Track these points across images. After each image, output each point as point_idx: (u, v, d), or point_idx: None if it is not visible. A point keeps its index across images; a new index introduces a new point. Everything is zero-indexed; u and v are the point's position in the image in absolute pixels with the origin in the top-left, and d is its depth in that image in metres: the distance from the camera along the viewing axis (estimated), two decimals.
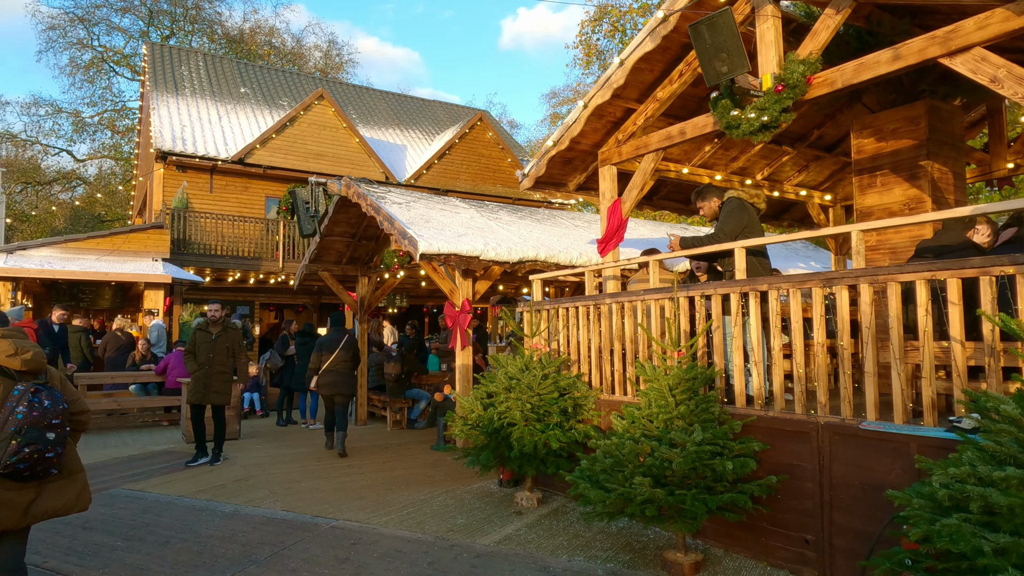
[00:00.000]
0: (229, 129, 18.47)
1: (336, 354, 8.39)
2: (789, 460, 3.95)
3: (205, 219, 15.44)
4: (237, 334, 7.74)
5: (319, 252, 10.32)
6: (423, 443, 8.71)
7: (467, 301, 7.83)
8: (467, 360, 7.86)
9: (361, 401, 10.53)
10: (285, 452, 8.13)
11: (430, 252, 6.92)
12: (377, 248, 10.34)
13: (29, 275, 11.59)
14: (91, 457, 7.84)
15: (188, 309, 13.99)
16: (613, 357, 5.44)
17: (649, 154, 5.99)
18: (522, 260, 7.55)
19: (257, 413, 11.36)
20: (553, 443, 4.99)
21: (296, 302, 18.94)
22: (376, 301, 10.77)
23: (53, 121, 38.17)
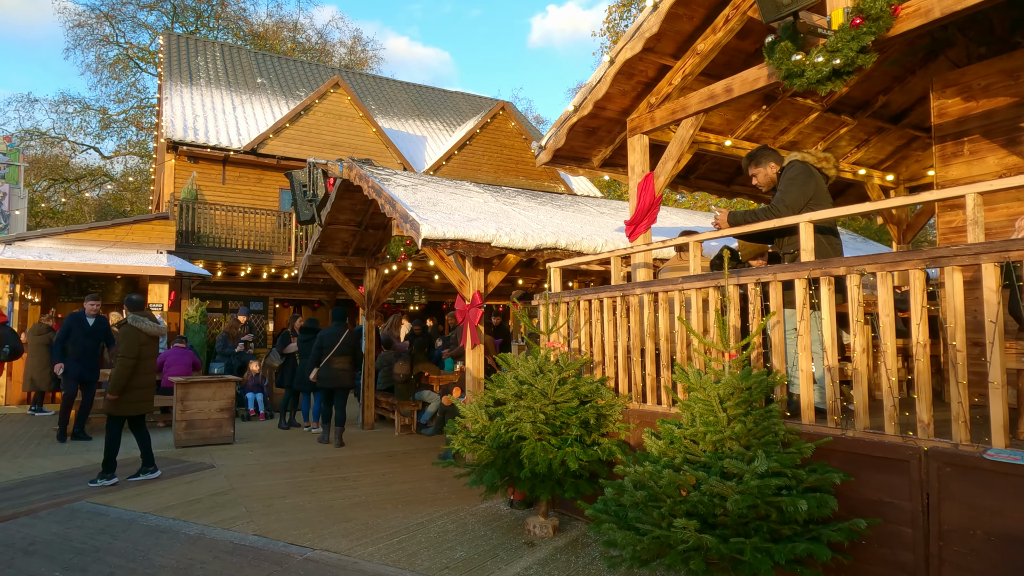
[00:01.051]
0: (243, 119, 17.91)
1: (335, 348, 8.38)
2: (878, 496, 3.01)
3: (215, 211, 14.85)
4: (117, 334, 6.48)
5: (323, 242, 9.56)
6: (430, 452, 7.89)
7: (478, 294, 6.98)
8: (478, 361, 7.02)
9: (368, 403, 9.75)
10: (277, 460, 7.37)
11: (434, 237, 6.08)
12: (385, 238, 9.55)
13: (27, 267, 11.07)
14: (69, 461, 7.18)
15: (195, 304, 13.39)
16: (644, 358, 4.54)
17: (688, 118, 5.07)
18: (540, 247, 6.68)
19: (260, 416, 10.63)
20: (571, 463, 4.11)
21: (312, 298, 18.32)
22: (385, 295, 9.98)
23: (81, 118, 38.37)
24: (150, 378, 6.42)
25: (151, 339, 6.33)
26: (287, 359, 10.15)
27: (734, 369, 3.22)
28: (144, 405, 6.36)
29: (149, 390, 6.43)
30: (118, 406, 6.15)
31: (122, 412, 6.20)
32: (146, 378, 6.33)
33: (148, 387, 6.39)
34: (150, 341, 6.31)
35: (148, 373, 6.36)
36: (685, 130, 5.11)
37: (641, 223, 5.34)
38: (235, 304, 16.53)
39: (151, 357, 6.35)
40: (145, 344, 6.24)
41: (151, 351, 6.34)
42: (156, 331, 6.36)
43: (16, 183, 23.66)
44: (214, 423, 8.24)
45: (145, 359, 6.25)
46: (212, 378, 8.49)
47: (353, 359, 8.69)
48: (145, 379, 6.31)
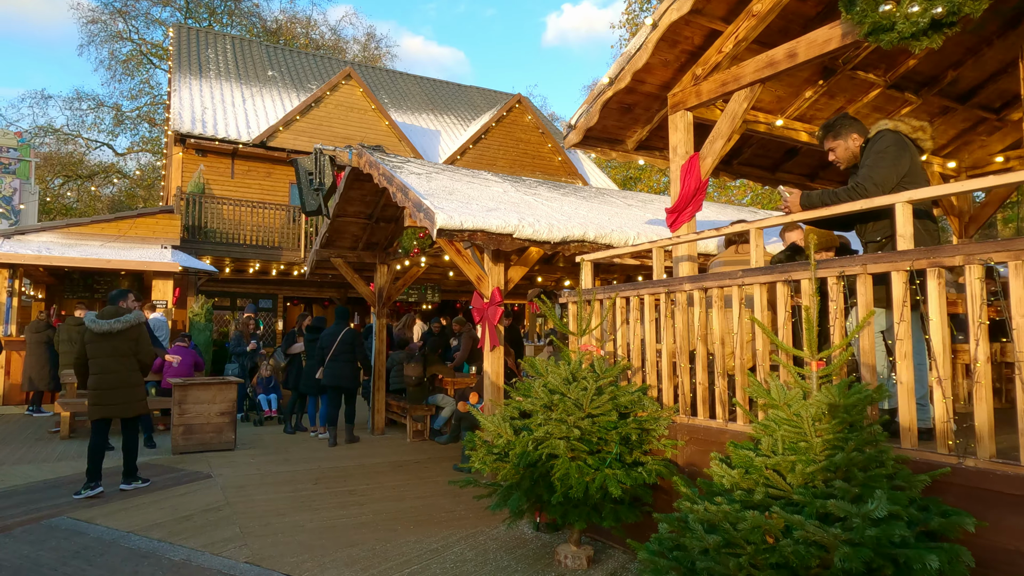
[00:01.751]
0: (253, 112, 17.44)
1: (335, 347, 8.26)
2: (1016, 545, 2.38)
3: (223, 205, 14.37)
4: None
5: (331, 236, 9.01)
6: (444, 462, 7.30)
7: (498, 291, 6.38)
8: (497, 365, 6.42)
9: (379, 407, 9.19)
10: (280, 470, 6.81)
11: (450, 227, 5.49)
12: (397, 231, 8.99)
13: (25, 261, 10.63)
14: (58, 469, 6.67)
15: (200, 301, 12.91)
16: (695, 364, 3.92)
17: (741, 91, 4.44)
18: (566, 240, 6.06)
19: (274, 413, 10.15)
20: (613, 488, 3.50)
21: (322, 296, 17.83)
22: (396, 293, 9.41)
23: (95, 115, 38.27)
24: (107, 379, 5.73)
25: (97, 337, 5.69)
26: (292, 360, 9.62)
27: (827, 381, 2.60)
28: (99, 409, 5.73)
29: (110, 392, 5.74)
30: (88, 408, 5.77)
31: (90, 415, 5.77)
32: (99, 379, 5.71)
33: (106, 388, 5.72)
34: (95, 339, 5.69)
35: (102, 373, 5.71)
36: (737, 104, 4.48)
37: (685, 211, 4.72)
38: (243, 302, 16.06)
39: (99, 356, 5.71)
40: (90, 343, 5.69)
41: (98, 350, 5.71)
42: (100, 328, 5.69)
43: (27, 179, 23.39)
44: (214, 428, 7.71)
45: (94, 358, 5.70)
46: (212, 380, 7.97)
47: (352, 358, 8.38)
48: (97, 380, 5.71)
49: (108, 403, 5.74)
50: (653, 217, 7.86)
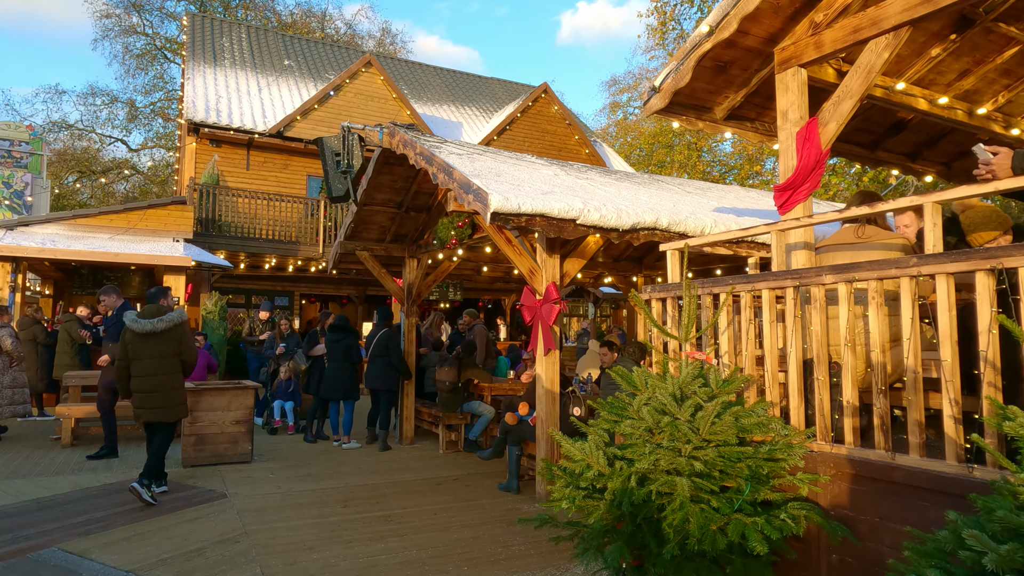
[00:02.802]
0: (269, 102, 16.73)
1: (372, 348, 8.05)
2: None
3: (238, 197, 13.65)
4: None
5: (357, 226, 8.22)
6: (487, 479, 6.49)
7: (553, 286, 5.56)
8: (552, 370, 5.60)
9: (408, 414, 8.39)
10: (303, 488, 6.03)
11: (506, 211, 4.68)
12: (429, 221, 8.18)
13: (28, 254, 9.92)
14: (55, 485, 5.92)
15: (214, 298, 12.18)
16: (841, 378, 3.07)
17: (880, 37, 3.58)
18: (636, 227, 5.23)
19: (288, 429, 9.25)
20: (755, 542, 2.65)
21: (340, 293, 17.09)
22: (427, 289, 8.61)
23: (109, 111, 37.91)
24: (149, 382, 5.54)
25: (139, 338, 5.50)
26: (314, 362, 8.85)
27: None
28: (143, 413, 5.57)
29: (151, 395, 5.55)
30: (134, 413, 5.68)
31: (137, 419, 5.73)
32: (141, 381, 5.52)
33: (148, 392, 5.54)
34: (137, 341, 5.50)
35: (144, 376, 5.52)
36: (875, 55, 3.61)
37: (802, 187, 3.86)
38: (258, 299, 15.35)
39: (141, 358, 5.53)
40: (131, 344, 5.50)
41: (140, 351, 5.52)
42: (142, 328, 5.49)
43: (39, 172, 22.87)
44: (229, 438, 6.94)
45: (136, 360, 5.52)
46: (226, 384, 7.20)
47: (387, 360, 8.07)
48: (139, 383, 5.53)
49: (151, 407, 5.54)
50: (718, 205, 7.00)
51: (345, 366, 8.06)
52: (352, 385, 8.04)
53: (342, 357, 8.02)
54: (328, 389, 7.98)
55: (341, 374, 7.97)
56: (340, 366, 8.01)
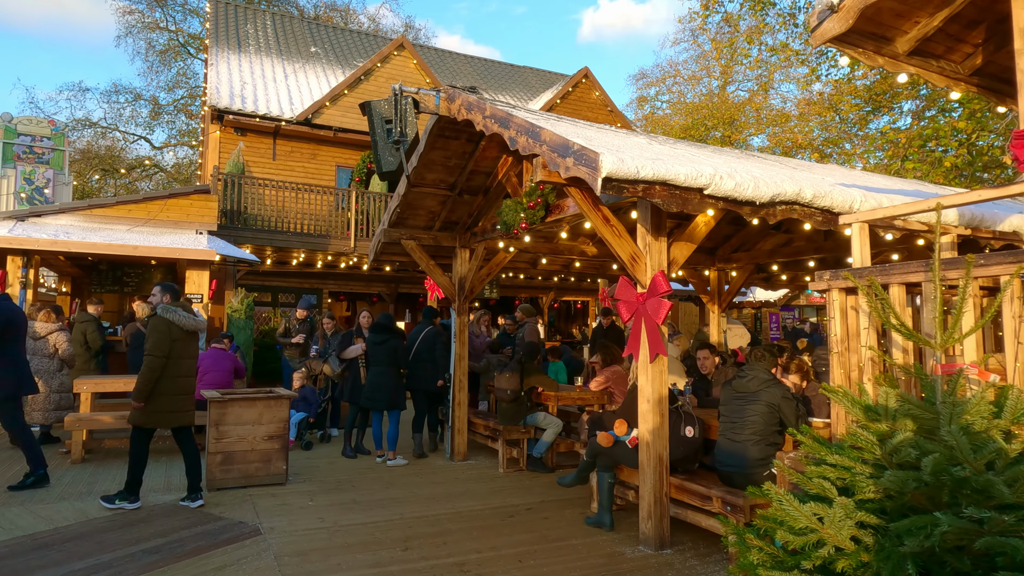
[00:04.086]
0: (296, 88, 15.83)
1: (416, 346, 7.61)
2: None
3: (265, 187, 12.73)
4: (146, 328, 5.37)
5: (403, 211, 7.19)
6: (567, 507, 5.43)
7: (661, 276, 4.47)
8: (658, 380, 4.51)
9: (460, 426, 7.34)
10: (352, 521, 5.00)
11: (622, 176, 3.61)
12: (485, 206, 7.13)
13: (40, 247, 9.05)
14: (57, 514, 4.97)
15: (240, 295, 11.26)
16: None
17: None
18: (775, 200, 4.12)
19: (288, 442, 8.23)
20: None
21: (370, 291, 16.14)
22: (480, 284, 7.56)
23: (132, 108, 37.55)
24: (186, 383, 5.28)
25: (187, 335, 5.23)
26: (349, 366, 7.80)
27: None
28: (179, 416, 5.26)
29: (186, 398, 5.29)
30: (145, 415, 5.13)
31: (149, 423, 5.17)
32: (180, 382, 5.22)
33: (184, 394, 5.26)
34: (185, 337, 5.21)
35: (183, 376, 5.24)
36: None
37: None
38: (286, 297, 14.44)
39: (187, 357, 5.27)
40: (178, 340, 5.15)
41: (186, 350, 5.24)
42: (193, 325, 5.23)
43: (61, 168, 22.28)
44: (260, 456, 5.95)
45: (178, 359, 5.18)
46: (258, 393, 6.22)
47: (434, 360, 7.71)
48: (179, 383, 5.21)
49: (187, 409, 5.31)
50: (837, 178, 5.85)
51: (390, 371, 7.05)
52: (398, 393, 7.04)
53: (386, 360, 7.01)
54: (371, 397, 6.97)
55: (385, 380, 6.96)
56: (384, 371, 6.99)
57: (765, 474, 4.05)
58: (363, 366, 7.65)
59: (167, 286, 5.39)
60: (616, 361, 7.33)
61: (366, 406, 7.11)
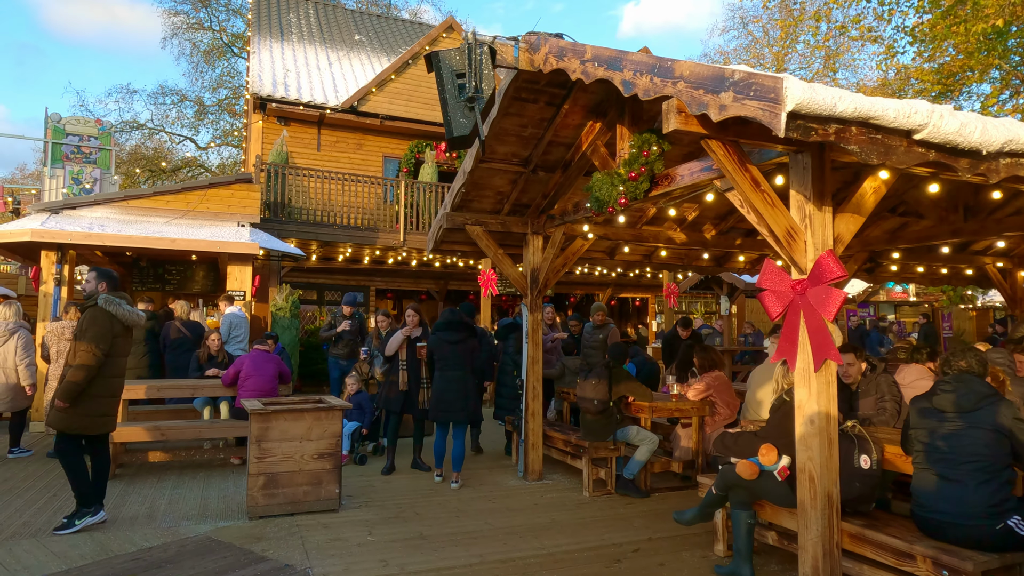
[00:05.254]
0: (340, 76, 15.09)
1: None
2: None
3: (310, 178, 11.97)
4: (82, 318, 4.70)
5: (468, 192, 6.23)
6: (684, 547, 4.38)
7: (829, 256, 3.38)
8: (825, 394, 3.42)
9: (534, 440, 6.34)
10: (422, 565, 4.05)
11: (814, 110, 2.56)
12: (563, 184, 6.11)
13: (72, 240, 8.40)
14: (72, 550, 4.15)
15: (285, 292, 10.51)
16: None
17: None
18: (1004, 150, 2.99)
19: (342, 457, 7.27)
20: None
21: (418, 288, 15.32)
22: (555, 275, 6.54)
23: (178, 110, 37.80)
24: (118, 384, 4.69)
25: (126, 331, 4.66)
26: (389, 368, 6.73)
27: None
28: (106, 421, 4.64)
29: (115, 401, 4.69)
30: (70, 419, 4.45)
31: (76, 429, 4.49)
32: (113, 383, 4.62)
33: (114, 396, 4.66)
34: (124, 333, 4.64)
35: (116, 376, 4.64)
36: None
37: None
38: (332, 294, 13.69)
39: (122, 356, 4.68)
40: (119, 336, 4.57)
41: (123, 347, 4.67)
42: (135, 320, 4.66)
43: (107, 168, 22.15)
44: (309, 478, 5.06)
45: (115, 358, 4.58)
46: (304, 403, 5.32)
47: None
48: (112, 385, 4.61)
49: (114, 413, 4.75)
50: None
51: (466, 377, 6.05)
52: (477, 404, 6.09)
53: (461, 364, 6.02)
54: (442, 408, 5.90)
55: (461, 387, 5.95)
56: (460, 376, 5.98)
57: (999, 528, 2.93)
58: (403, 368, 6.50)
59: (104, 272, 4.70)
60: (717, 365, 6.25)
61: (436, 419, 6.04)
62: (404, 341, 6.44)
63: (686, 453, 6.24)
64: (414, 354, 6.42)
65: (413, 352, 6.43)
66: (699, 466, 6.15)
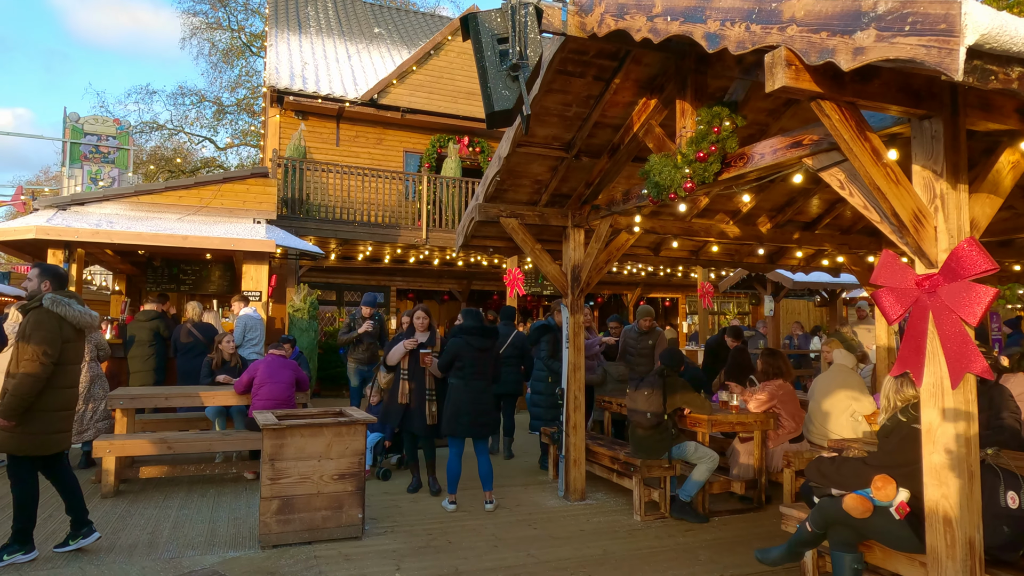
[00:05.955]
0: (360, 69, 14.57)
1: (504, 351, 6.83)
2: None
3: (328, 173, 11.45)
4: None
5: (504, 180, 5.62)
6: None
7: (971, 244, 2.72)
8: (966, 416, 2.75)
9: (576, 456, 5.71)
10: None
11: (1004, 45, 1.89)
12: (610, 171, 5.47)
13: (79, 238, 7.94)
14: None
15: (303, 293, 9.99)
16: None
17: None
18: None
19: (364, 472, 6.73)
20: None
21: (440, 288, 14.75)
22: (598, 273, 5.90)
23: (197, 110, 37.72)
24: (71, 396, 4.04)
25: (77, 335, 4.04)
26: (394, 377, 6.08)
27: None
28: (60, 438, 4.00)
29: (69, 415, 4.05)
30: (18, 439, 3.82)
31: (26, 450, 3.86)
32: (65, 395, 3.98)
33: (67, 410, 4.02)
34: (75, 338, 4.02)
35: (69, 387, 4.01)
36: None
37: None
38: (352, 295, 13.18)
39: (74, 363, 4.04)
40: (70, 342, 3.94)
41: (75, 354, 4.02)
42: (88, 322, 4.03)
43: (125, 168, 21.91)
44: (329, 501, 4.48)
45: (66, 366, 3.95)
46: (323, 416, 4.75)
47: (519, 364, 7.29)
48: (65, 397, 3.98)
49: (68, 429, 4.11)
50: None
51: (488, 388, 5.44)
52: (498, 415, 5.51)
53: (485, 374, 5.40)
54: (464, 422, 5.23)
55: (487, 399, 5.36)
56: (483, 388, 5.36)
57: None
58: (405, 378, 5.74)
59: (48, 269, 4.07)
60: (782, 374, 5.58)
61: (452, 433, 5.30)
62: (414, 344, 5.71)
63: (746, 471, 5.58)
64: (417, 362, 5.66)
65: (417, 360, 5.66)
66: (762, 486, 5.50)
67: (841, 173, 3.28)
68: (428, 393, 5.63)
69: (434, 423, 5.60)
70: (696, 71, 4.31)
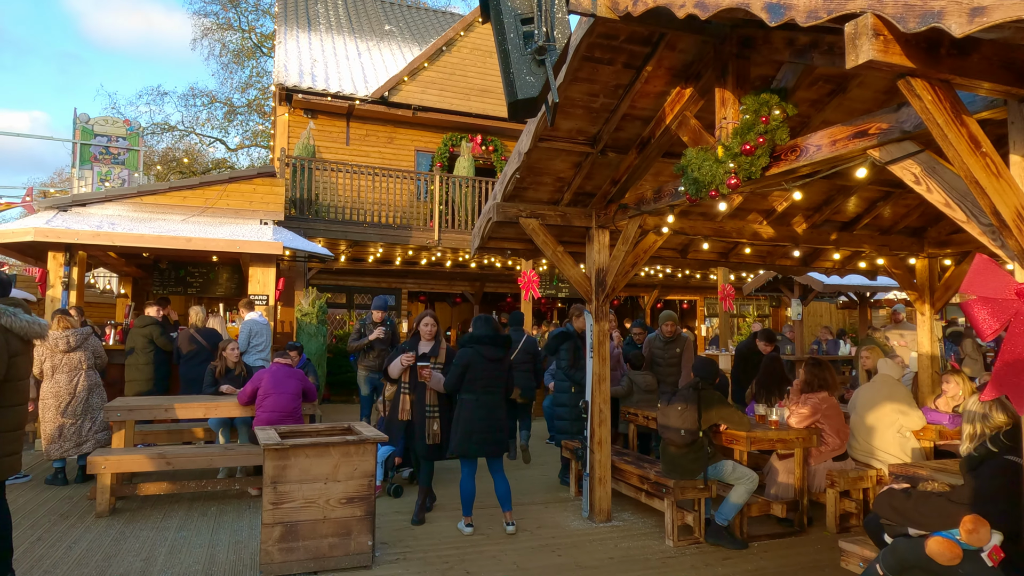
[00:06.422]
0: (371, 66, 14.24)
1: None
2: None
3: (338, 172, 11.11)
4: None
5: (524, 178, 5.24)
6: None
7: None
8: None
9: (601, 474, 5.31)
10: None
11: None
12: (639, 167, 5.07)
13: (79, 240, 7.64)
14: None
15: (311, 296, 9.65)
16: None
17: None
18: None
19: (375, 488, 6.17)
20: None
21: (453, 290, 14.40)
22: (625, 278, 5.50)
23: (208, 111, 37.60)
24: (20, 415, 3.61)
25: (26, 347, 3.63)
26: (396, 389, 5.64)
27: None
28: (10, 462, 3.53)
29: (18, 436, 3.60)
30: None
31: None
32: (14, 414, 3.55)
33: (16, 430, 3.58)
34: (24, 351, 3.60)
35: (18, 405, 3.59)
36: None
37: None
38: (362, 298, 12.84)
39: (23, 379, 3.60)
40: (18, 355, 3.51)
41: (24, 368, 3.60)
42: (36, 333, 3.61)
43: (135, 168, 21.73)
44: (336, 527, 4.11)
45: (15, 382, 3.52)
46: (331, 434, 4.39)
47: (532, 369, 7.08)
48: (15, 416, 3.56)
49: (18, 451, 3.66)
50: None
51: (501, 402, 5.03)
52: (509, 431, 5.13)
53: (498, 387, 4.98)
54: (476, 440, 4.80)
55: (500, 414, 4.95)
56: (495, 402, 4.92)
57: None
58: (406, 392, 5.31)
59: None
60: (827, 386, 5.15)
61: (463, 453, 4.86)
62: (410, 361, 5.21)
63: (786, 491, 5.16)
64: (416, 375, 5.19)
65: (416, 373, 5.18)
66: (803, 508, 5.08)
67: (916, 166, 2.86)
68: (429, 409, 5.14)
69: (436, 443, 5.12)
70: (739, 56, 3.90)
